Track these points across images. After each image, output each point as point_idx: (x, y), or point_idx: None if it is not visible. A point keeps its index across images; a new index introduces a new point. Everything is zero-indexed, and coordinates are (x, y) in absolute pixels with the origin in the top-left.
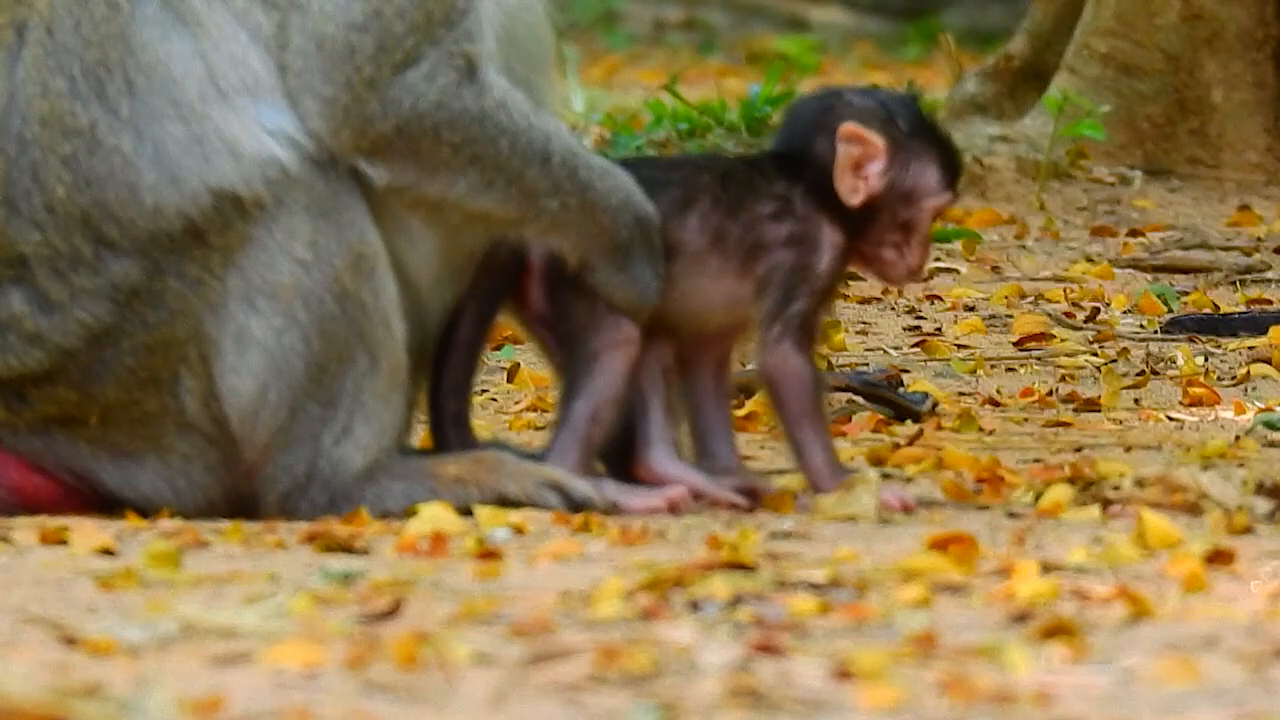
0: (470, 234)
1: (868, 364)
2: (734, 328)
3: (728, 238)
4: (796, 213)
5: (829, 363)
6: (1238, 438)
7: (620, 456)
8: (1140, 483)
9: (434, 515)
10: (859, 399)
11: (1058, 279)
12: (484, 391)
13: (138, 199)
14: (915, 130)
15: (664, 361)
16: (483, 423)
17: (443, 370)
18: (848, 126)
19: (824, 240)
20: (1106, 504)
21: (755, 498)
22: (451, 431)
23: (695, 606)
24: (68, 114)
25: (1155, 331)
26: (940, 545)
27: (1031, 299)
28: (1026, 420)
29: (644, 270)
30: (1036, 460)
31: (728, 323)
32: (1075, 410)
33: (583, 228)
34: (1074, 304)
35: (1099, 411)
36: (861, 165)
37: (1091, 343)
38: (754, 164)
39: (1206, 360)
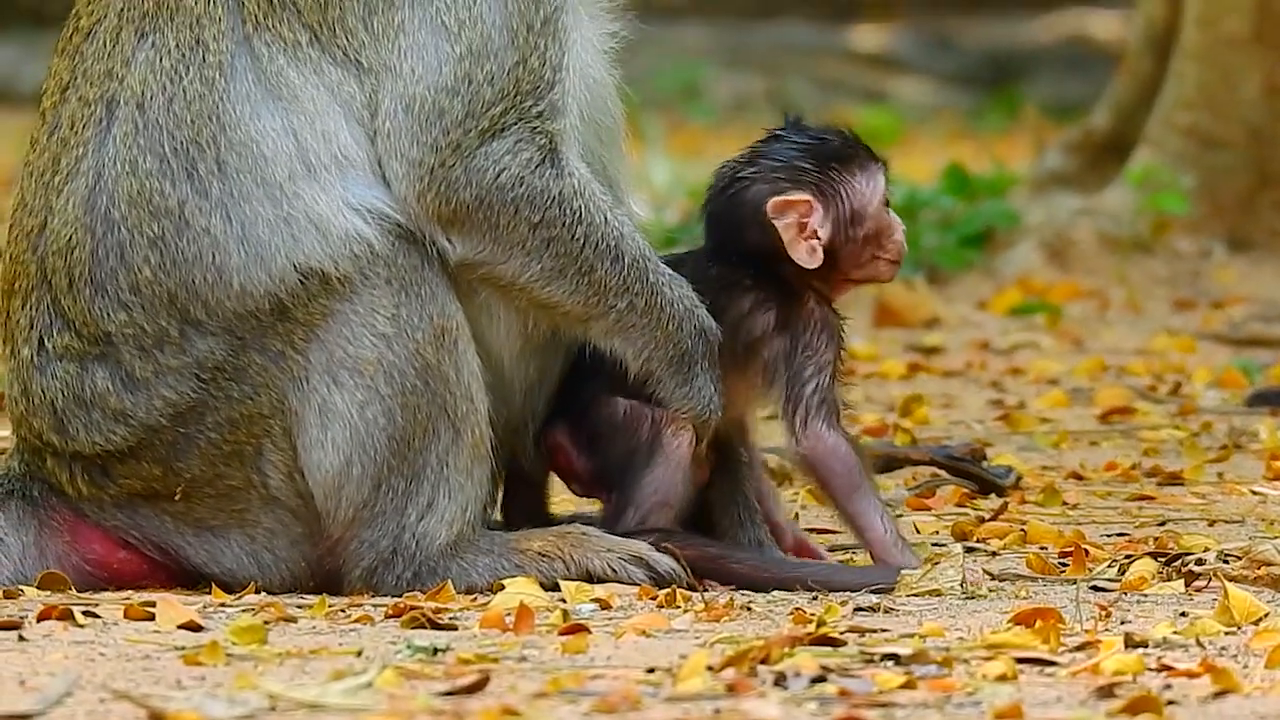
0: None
1: (951, 438)
2: (746, 415)
3: (723, 341)
4: (772, 298)
5: (913, 437)
6: None
7: None
8: (1224, 556)
9: (520, 589)
10: (943, 473)
11: (1140, 352)
12: None
13: (225, 280)
14: (818, 156)
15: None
16: (565, 496)
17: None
18: (772, 204)
19: (808, 317)
20: (1191, 578)
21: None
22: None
23: (781, 681)
24: (156, 193)
25: (1238, 405)
26: (1025, 620)
27: (1114, 372)
28: (1110, 494)
29: (705, 384)
30: (1121, 534)
31: (742, 414)
32: (1159, 484)
33: (648, 332)
34: (1156, 377)
35: (1182, 485)
36: (804, 228)
37: (1174, 416)
38: (718, 261)
39: None
